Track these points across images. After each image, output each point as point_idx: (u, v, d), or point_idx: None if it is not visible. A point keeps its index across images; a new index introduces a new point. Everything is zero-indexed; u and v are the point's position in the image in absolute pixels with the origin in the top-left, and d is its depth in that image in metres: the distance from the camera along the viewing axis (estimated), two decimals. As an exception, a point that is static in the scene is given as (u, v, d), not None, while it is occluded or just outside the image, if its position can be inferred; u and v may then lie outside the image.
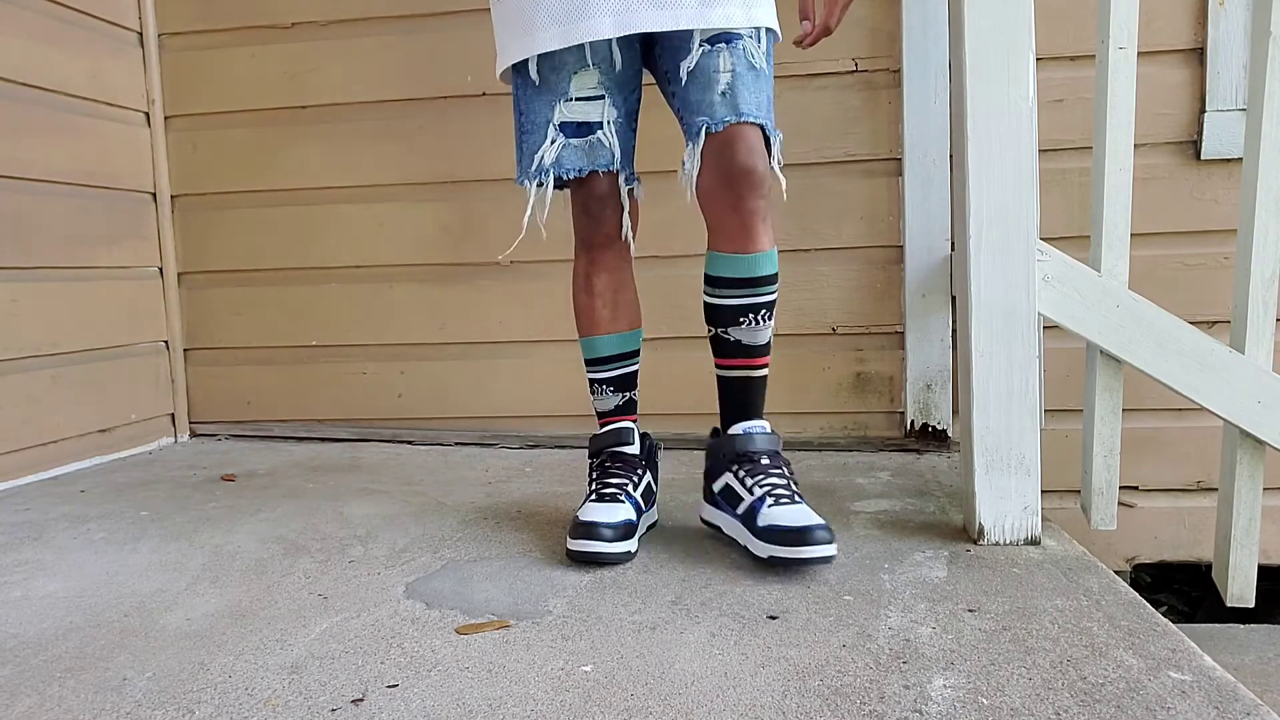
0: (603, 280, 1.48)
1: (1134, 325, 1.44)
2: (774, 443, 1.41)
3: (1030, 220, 1.36)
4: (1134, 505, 2.12)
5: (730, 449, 1.40)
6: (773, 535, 1.26)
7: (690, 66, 1.32)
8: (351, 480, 1.95)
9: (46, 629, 1.17)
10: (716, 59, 1.31)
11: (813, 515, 1.27)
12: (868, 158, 2.18)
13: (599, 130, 1.38)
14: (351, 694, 0.96)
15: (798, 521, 1.25)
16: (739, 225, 1.35)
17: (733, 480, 1.38)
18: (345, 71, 2.35)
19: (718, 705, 0.92)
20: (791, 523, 1.25)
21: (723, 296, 1.39)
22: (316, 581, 1.32)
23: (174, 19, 2.41)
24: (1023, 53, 1.34)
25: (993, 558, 1.35)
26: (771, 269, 1.38)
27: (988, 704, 0.91)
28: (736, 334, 1.40)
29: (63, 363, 2.11)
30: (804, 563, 1.24)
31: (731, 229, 1.35)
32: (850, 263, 2.22)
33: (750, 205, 1.33)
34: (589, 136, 1.38)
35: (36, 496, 1.88)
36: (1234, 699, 0.91)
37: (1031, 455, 1.39)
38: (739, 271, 1.37)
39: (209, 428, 2.51)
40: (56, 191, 2.11)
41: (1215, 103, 2.03)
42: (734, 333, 1.40)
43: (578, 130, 1.38)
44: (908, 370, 2.19)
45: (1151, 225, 2.05)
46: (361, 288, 2.41)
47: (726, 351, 1.42)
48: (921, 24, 2.10)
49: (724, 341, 1.42)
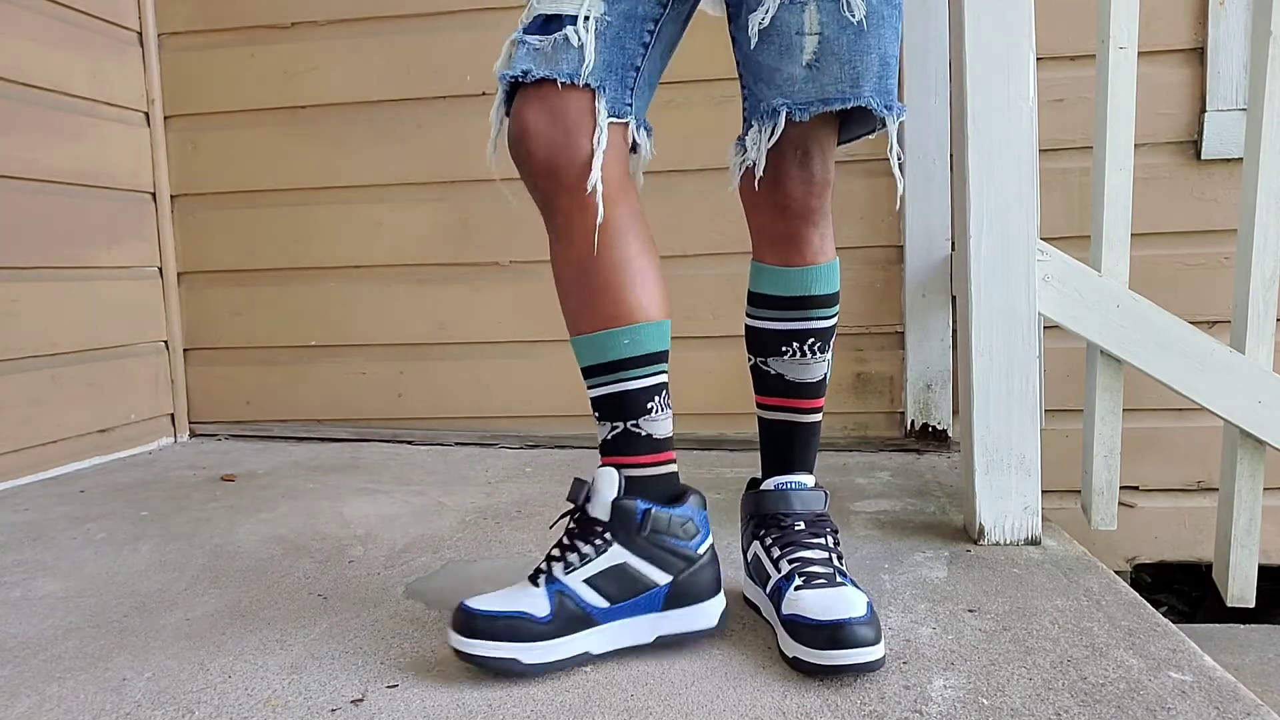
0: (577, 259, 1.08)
1: (1134, 325, 1.43)
2: (815, 502, 1.12)
3: (1030, 220, 1.36)
4: (1134, 505, 2.12)
5: (758, 509, 1.13)
6: (798, 630, 0.97)
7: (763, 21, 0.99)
8: (351, 480, 1.95)
9: (46, 629, 1.17)
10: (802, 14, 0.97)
11: (854, 602, 0.97)
12: (868, 158, 2.18)
13: (569, 25, 0.97)
14: (351, 694, 0.96)
15: (830, 614, 0.96)
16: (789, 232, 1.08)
17: (760, 550, 1.11)
18: (344, 71, 2.35)
19: (718, 705, 0.92)
20: (822, 615, 0.96)
21: (764, 319, 1.12)
22: (316, 581, 1.32)
23: (174, 19, 2.41)
24: (1023, 53, 1.34)
25: (993, 558, 1.35)
26: (829, 287, 1.11)
27: (988, 704, 0.91)
28: (779, 366, 1.12)
29: (62, 363, 2.11)
30: (836, 671, 0.95)
31: (779, 234, 1.08)
32: (850, 263, 2.21)
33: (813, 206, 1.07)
34: (555, 34, 0.98)
35: (36, 496, 1.88)
36: (1234, 699, 0.91)
37: (1032, 455, 1.39)
38: (785, 288, 1.10)
39: (209, 428, 2.51)
40: (56, 191, 2.11)
41: (1215, 102, 2.03)
42: (775, 365, 1.12)
43: (544, 26, 0.99)
44: (908, 370, 2.19)
45: (1151, 225, 2.05)
46: (361, 288, 2.41)
47: (766, 388, 1.15)
48: (922, 24, 2.10)
49: (764, 375, 1.15)
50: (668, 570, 1.01)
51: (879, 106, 0.98)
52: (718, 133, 2.19)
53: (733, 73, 1.13)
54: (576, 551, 1.01)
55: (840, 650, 0.93)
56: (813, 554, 1.06)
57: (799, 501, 1.11)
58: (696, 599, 1.03)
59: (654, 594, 1.01)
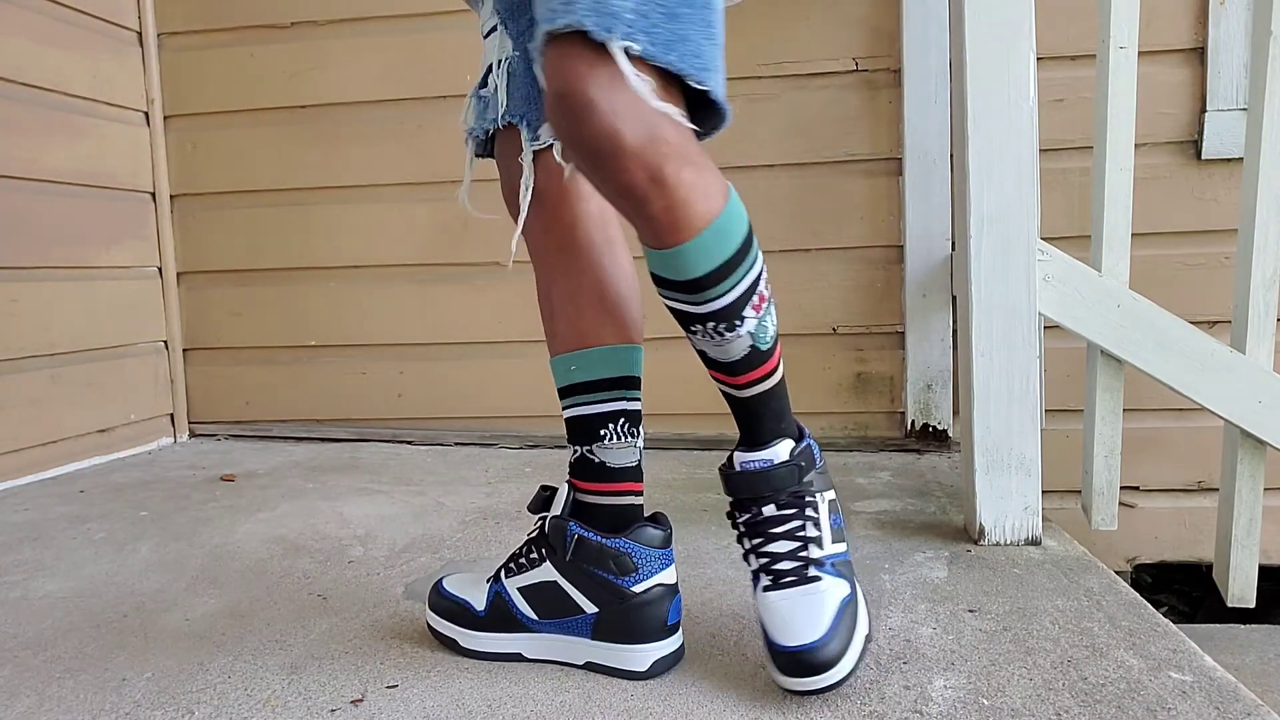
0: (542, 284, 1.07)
1: (1135, 325, 1.43)
2: (779, 480, 0.97)
3: (1031, 220, 1.36)
4: (1135, 505, 2.12)
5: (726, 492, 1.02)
6: (766, 641, 0.94)
7: None
8: (351, 480, 1.95)
9: (46, 629, 1.17)
10: None
11: (818, 612, 0.91)
12: (868, 157, 2.18)
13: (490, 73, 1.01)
14: (351, 694, 0.96)
15: (788, 636, 0.91)
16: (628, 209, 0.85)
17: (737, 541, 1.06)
18: (345, 71, 2.35)
19: (718, 705, 0.92)
20: (781, 638, 0.91)
21: (665, 298, 0.94)
22: (316, 582, 1.32)
23: (173, 19, 2.41)
24: (1023, 53, 1.34)
25: (993, 558, 1.35)
26: (701, 268, 0.87)
27: (988, 704, 0.91)
28: (698, 344, 0.96)
29: (62, 363, 2.11)
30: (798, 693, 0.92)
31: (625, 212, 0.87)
32: (851, 263, 2.21)
33: (621, 178, 0.81)
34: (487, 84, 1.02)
35: (36, 496, 1.87)
36: (1234, 699, 0.91)
37: (1032, 455, 1.39)
38: (666, 271, 0.89)
39: (208, 428, 2.51)
40: (56, 191, 2.11)
41: (1216, 102, 2.03)
42: (696, 341, 0.96)
43: (484, 78, 1.02)
44: (908, 370, 2.19)
45: (1152, 225, 2.05)
46: (361, 287, 2.41)
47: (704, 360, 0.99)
48: (922, 24, 2.10)
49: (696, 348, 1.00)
50: (594, 600, 0.99)
51: (612, 32, 0.78)
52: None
53: (733, 72, 1.12)
54: (522, 558, 1.03)
55: (798, 679, 0.90)
56: (779, 546, 0.97)
57: (764, 483, 0.98)
58: (625, 638, 0.98)
59: (581, 620, 0.99)
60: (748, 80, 2.17)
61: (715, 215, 0.85)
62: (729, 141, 2.18)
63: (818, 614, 0.92)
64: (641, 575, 0.98)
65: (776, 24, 2.16)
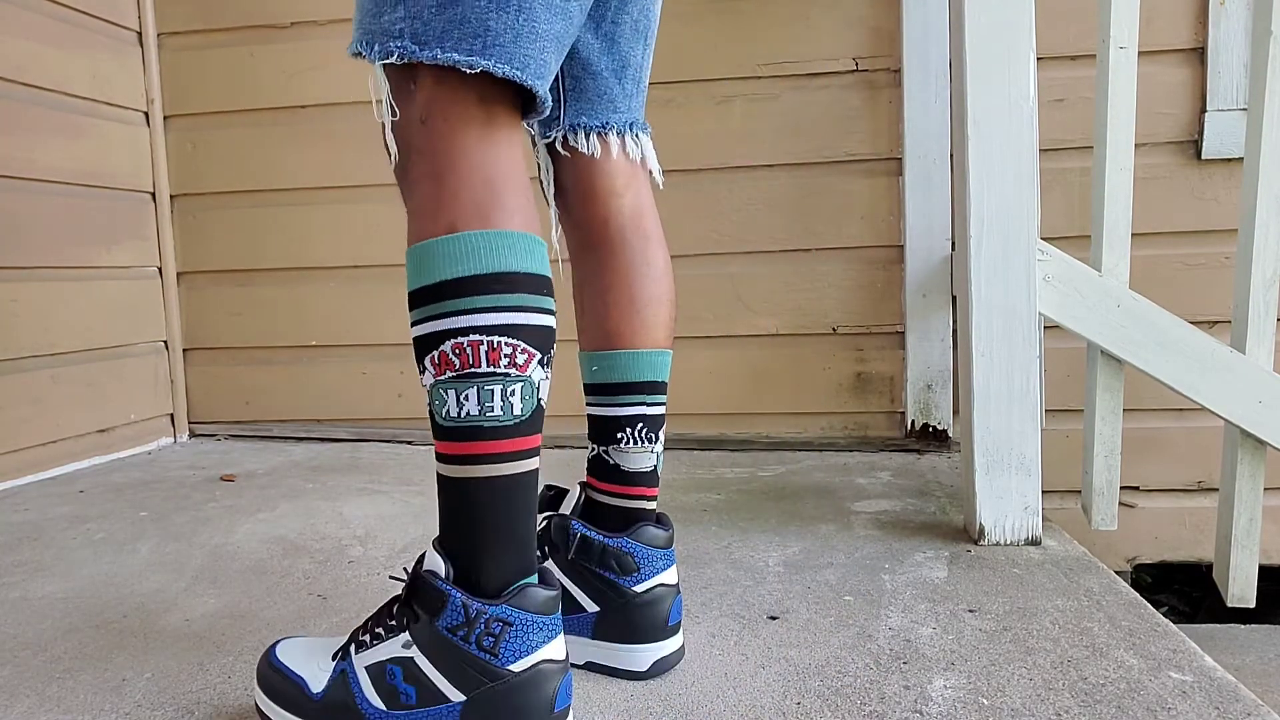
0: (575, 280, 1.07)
1: (1135, 325, 1.43)
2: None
3: (1031, 220, 1.36)
4: (1135, 505, 2.12)
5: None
6: None
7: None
8: (351, 480, 1.95)
9: (46, 629, 1.17)
10: None
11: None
12: (868, 157, 2.18)
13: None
14: (351, 694, 0.96)
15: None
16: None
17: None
18: (344, 71, 2.35)
19: (718, 705, 0.92)
20: None
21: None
22: (316, 582, 1.32)
23: (173, 19, 2.41)
24: (1023, 53, 1.34)
25: (993, 558, 1.35)
26: (408, 280, 0.80)
27: (988, 704, 0.91)
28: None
29: (62, 363, 2.11)
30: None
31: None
32: (850, 263, 2.21)
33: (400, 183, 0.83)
34: None
35: (36, 496, 1.87)
36: (1235, 699, 0.90)
37: (1032, 455, 1.39)
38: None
39: (208, 428, 2.51)
40: (56, 191, 2.11)
41: (1216, 102, 2.03)
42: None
43: None
44: (908, 370, 2.19)
45: (1152, 225, 2.05)
46: (361, 287, 2.41)
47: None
48: (921, 24, 2.10)
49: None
50: (596, 599, 0.98)
51: (372, 49, 0.77)
52: (718, 133, 2.19)
53: (733, 72, 1.12)
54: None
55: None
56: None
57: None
58: (626, 638, 0.98)
59: (583, 618, 0.99)
60: (748, 80, 2.17)
61: (424, 238, 0.78)
62: (729, 141, 2.19)
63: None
64: (643, 575, 0.98)
65: (776, 24, 2.16)
